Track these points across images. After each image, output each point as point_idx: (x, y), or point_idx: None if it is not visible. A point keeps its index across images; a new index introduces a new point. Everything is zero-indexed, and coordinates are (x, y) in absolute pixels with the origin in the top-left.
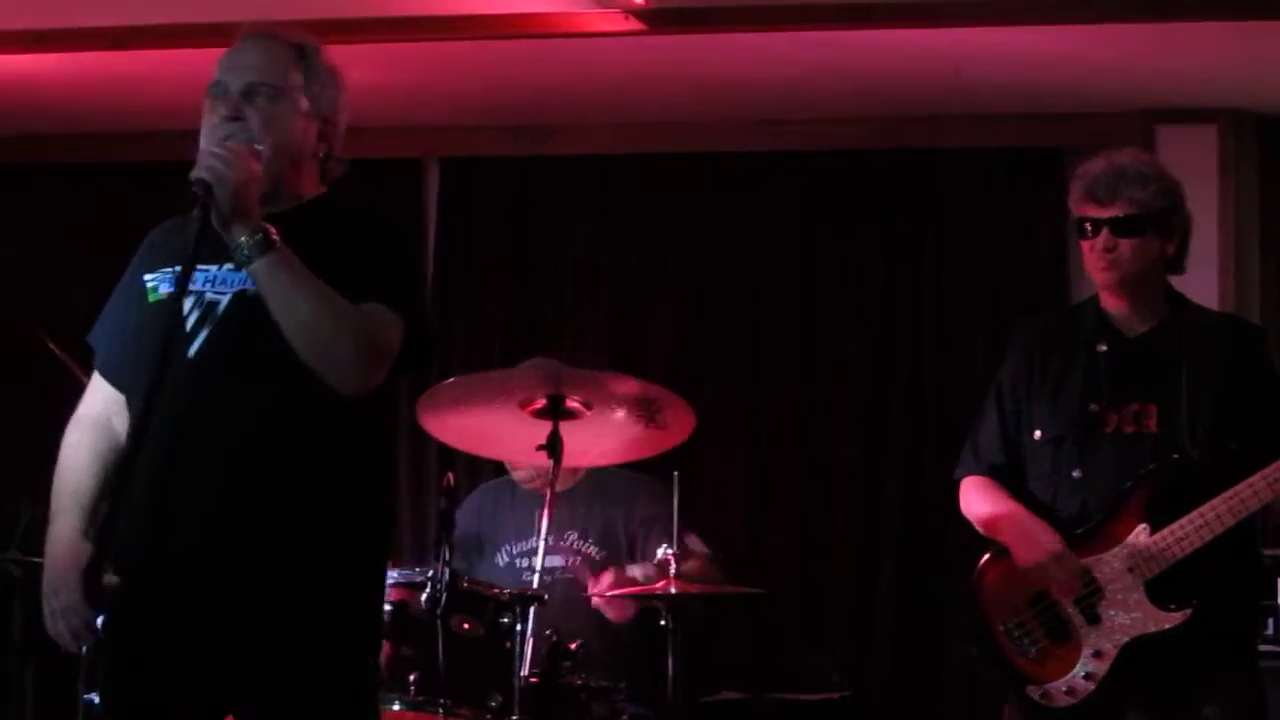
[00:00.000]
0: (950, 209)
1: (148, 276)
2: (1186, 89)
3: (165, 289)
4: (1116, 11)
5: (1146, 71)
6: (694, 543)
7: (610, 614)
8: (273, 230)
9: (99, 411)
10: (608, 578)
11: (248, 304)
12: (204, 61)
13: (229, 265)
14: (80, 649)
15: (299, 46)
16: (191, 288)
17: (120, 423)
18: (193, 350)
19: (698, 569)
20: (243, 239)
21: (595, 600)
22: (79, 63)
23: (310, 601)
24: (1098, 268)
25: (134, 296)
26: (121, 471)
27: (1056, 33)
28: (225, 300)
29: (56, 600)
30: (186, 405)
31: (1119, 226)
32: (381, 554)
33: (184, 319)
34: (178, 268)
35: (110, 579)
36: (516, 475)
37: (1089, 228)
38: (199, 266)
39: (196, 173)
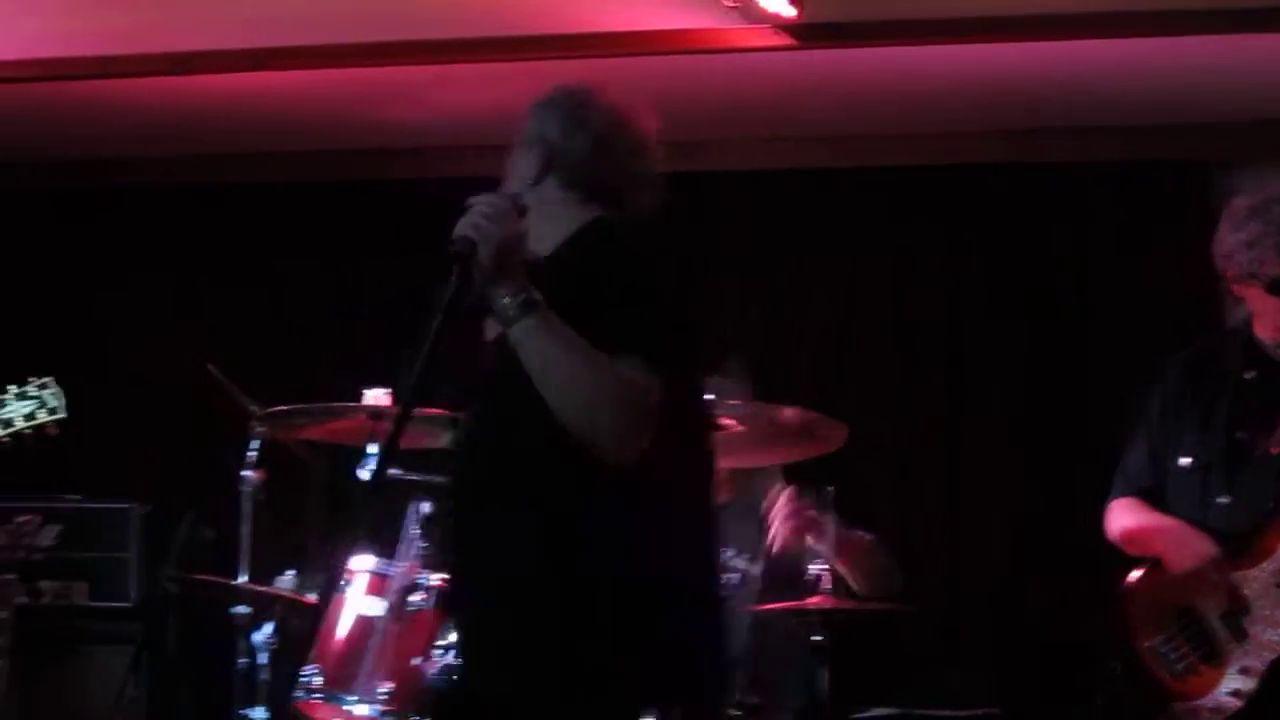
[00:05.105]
0: (1095, 224)
1: None
2: None
3: None
4: (1261, 22)
5: None
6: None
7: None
8: (536, 291)
9: None
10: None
11: None
12: (341, 81)
13: None
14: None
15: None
16: None
17: None
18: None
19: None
20: (506, 300)
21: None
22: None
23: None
24: None
25: None
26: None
27: (1200, 43)
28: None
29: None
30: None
31: None
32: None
33: None
34: None
35: None
36: None
37: None
38: None
39: (460, 230)
